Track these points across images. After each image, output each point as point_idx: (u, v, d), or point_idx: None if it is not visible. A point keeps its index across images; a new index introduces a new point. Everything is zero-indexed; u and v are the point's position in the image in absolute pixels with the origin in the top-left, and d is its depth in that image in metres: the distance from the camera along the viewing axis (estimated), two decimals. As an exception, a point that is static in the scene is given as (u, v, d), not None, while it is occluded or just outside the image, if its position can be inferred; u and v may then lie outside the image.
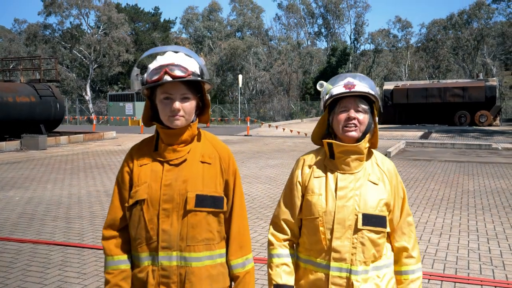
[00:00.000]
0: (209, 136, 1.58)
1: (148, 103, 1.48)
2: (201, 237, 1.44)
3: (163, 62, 1.41)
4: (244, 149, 13.22)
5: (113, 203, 1.51)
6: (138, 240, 1.44)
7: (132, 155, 1.52)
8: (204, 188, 1.45)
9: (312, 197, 1.52)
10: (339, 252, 1.47)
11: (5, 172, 8.88)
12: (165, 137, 1.46)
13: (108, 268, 1.47)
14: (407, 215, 1.59)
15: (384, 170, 1.56)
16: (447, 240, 4.57)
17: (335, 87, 1.51)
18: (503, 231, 4.90)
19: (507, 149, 13.38)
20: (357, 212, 1.48)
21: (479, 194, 6.91)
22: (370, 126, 1.53)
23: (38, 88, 13.94)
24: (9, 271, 3.65)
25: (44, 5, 33.78)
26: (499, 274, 3.67)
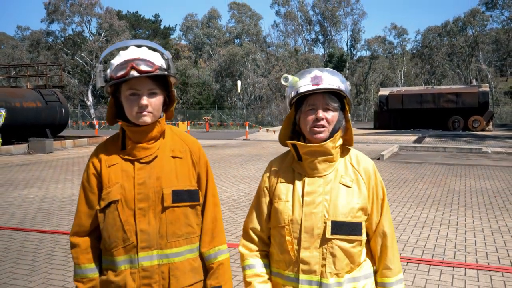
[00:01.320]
0: (177, 131, 1.54)
1: (112, 100, 1.43)
2: (181, 232, 1.42)
3: (128, 57, 1.35)
4: (243, 153, 13.68)
5: (78, 210, 1.45)
6: (114, 243, 1.39)
7: (98, 156, 1.45)
8: (179, 183, 1.43)
9: (279, 203, 1.41)
10: (308, 264, 1.35)
11: (16, 173, 9.33)
12: (133, 135, 1.41)
13: (76, 276, 1.45)
14: (387, 219, 1.44)
15: (359, 171, 1.42)
16: (428, 232, 5.03)
17: (302, 83, 1.38)
18: (480, 225, 5.36)
19: (497, 152, 13.84)
20: (326, 220, 1.35)
21: (463, 193, 7.37)
22: (340, 123, 1.42)
23: (44, 93, 14.41)
24: (36, 256, 4.10)
25: (47, 12, 34.45)
26: (471, 259, 4.13)
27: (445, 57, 42.68)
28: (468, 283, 3.51)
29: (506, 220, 5.55)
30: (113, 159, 1.43)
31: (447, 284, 3.49)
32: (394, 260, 1.42)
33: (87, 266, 1.43)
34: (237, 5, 46.30)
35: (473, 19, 39.66)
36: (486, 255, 4.23)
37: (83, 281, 1.43)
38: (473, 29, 41.02)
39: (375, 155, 12.59)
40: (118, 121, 1.44)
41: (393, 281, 1.41)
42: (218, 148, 15.16)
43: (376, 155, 12.43)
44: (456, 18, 41.15)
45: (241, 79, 35.71)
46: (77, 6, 34.65)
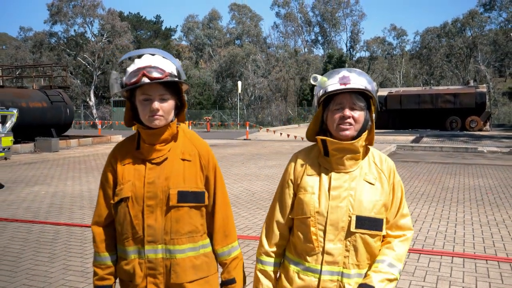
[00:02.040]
0: (189, 134, 1.62)
1: (128, 104, 1.54)
2: (184, 231, 1.51)
3: (141, 64, 1.45)
4: (244, 152, 13.98)
5: (98, 202, 1.59)
6: (125, 235, 1.51)
7: (115, 155, 1.57)
8: (185, 185, 1.51)
9: (304, 195, 1.46)
10: (332, 255, 1.41)
11: (25, 171, 9.63)
12: (146, 137, 1.51)
13: (96, 262, 1.58)
14: (402, 215, 1.50)
15: (382, 169, 1.49)
16: (420, 225, 5.33)
17: (330, 82, 1.44)
18: (470, 219, 5.66)
19: (492, 152, 14.09)
20: (350, 214, 1.41)
21: (457, 190, 7.65)
22: (367, 123, 1.46)
23: (49, 94, 14.70)
24: (54, 246, 4.41)
25: (50, 14, 34.77)
26: (458, 248, 4.43)
27: (444, 58, 42.92)
28: (454, 269, 3.82)
29: (495, 215, 5.84)
30: (127, 158, 1.54)
31: (434, 270, 3.79)
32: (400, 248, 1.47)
33: (106, 254, 1.55)
34: (238, 6, 46.61)
35: (471, 20, 39.91)
36: (473, 245, 4.53)
37: (101, 267, 1.56)
38: (472, 30, 41.27)
39: (373, 154, 12.86)
40: (134, 123, 1.54)
41: (390, 262, 1.44)
42: (220, 148, 15.46)
43: (374, 154, 12.72)
44: (454, 19, 41.42)
45: (242, 80, 35.96)
46: (80, 8, 35.02)
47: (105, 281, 1.55)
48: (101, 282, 1.56)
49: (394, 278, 1.43)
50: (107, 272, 1.55)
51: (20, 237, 4.68)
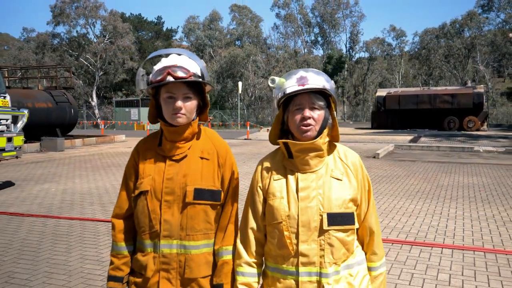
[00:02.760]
0: (209, 133, 1.65)
1: (153, 101, 1.57)
2: (199, 227, 1.53)
3: (167, 63, 1.49)
4: (245, 151, 14.27)
5: (120, 194, 1.64)
6: (142, 228, 1.55)
7: (138, 150, 1.63)
8: (202, 182, 1.53)
9: (273, 201, 1.45)
10: (307, 256, 1.41)
11: (33, 170, 9.93)
12: (168, 134, 1.55)
13: (113, 251, 1.62)
14: (373, 208, 1.54)
15: (348, 164, 1.49)
16: (414, 220, 5.61)
17: (288, 84, 1.44)
18: (462, 214, 5.93)
19: (488, 151, 14.27)
20: (321, 213, 1.41)
21: (451, 188, 7.92)
22: (326, 121, 1.47)
23: (54, 94, 14.99)
24: (69, 238, 4.70)
25: (53, 15, 35.11)
26: (448, 241, 4.72)
27: (442, 59, 43.18)
28: (443, 259, 4.11)
29: (486, 211, 6.11)
30: (149, 154, 1.58)
31: (424, 260, 4.08)
32: (379, 246, 1.53)
33: (123, 244, 1.60)
34: (238, 7, 46.93)
35: (469, 21, 40.21)
36: (462, 238, 4.82)
37: (118, 257, 1.60)
38: (470, 31, 41.55)
39: (371, 153, 13.11)
40: (158, 121, 1.59)
41: (378, 265, 1.52)
42: (221, 147, 15.74)
43: (372, 154, 12.96)
44: (453, 20, 41.77)
45: (242, 80, 36.26)
46: (82, 9, 35.41)
47: (119, 271, 1.59)
48: (115, 272, 1.59)
49: (384, 272, 1.55)
50: (122, 262, 1.59)
51: (37, 230, 4.98)
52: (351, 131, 23.59)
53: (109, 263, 1.62)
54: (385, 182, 8.37)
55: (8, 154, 7.24)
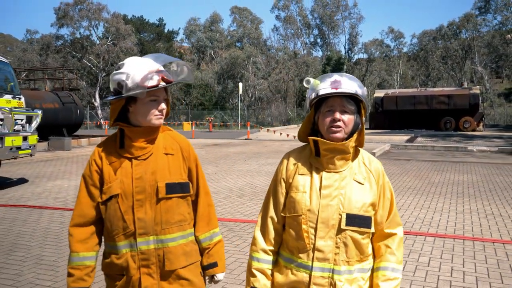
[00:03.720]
0: (167, 130, 1.71)
1: (122, 103, 1.55)
2: (174, 220, 1.59)
3: (153, 67, 1.52)
4: (245, 151, 14.70)
5: (79, 200, 1.61)
6: (115, 231, 1.56)
7: (99, 155, 1.61)
8: (171, 177, 1.59)
9: (296, 194, 1.50)
10: (323, 252, 1.45)
11: (44, 168, 10.38)
12: (134, 134, 1.56)
13: (72, 263, 1.58)
14: (395, 216, 1.54)
15: (371, 170, 1.54)
16: (403, 213, 6.05)
17: (322, 86, 1.48)
18: (448, 208, 6.37)
19: (481, 151, 14.64)
20: (341, 212, 1.45)
21: (441, 184, 8.33)
22: (357, 125, 1.51)
23: (61, 95, 15.43)
24: (86, 227, 5.16)
25: (57, 17, 35.64)
26: (432, 230, 5.17)
27: (440, 60, 43.58)
28: (425, 245, 4.56)
29: (471, 205, 6.54)
30: (112, 157, 1.59)
31: (408, 246, 4.53)
32: (400, 250, 1.52)
33: (86, 254, 1.59)
34: (239, 9, 47.42)
35: (466, 23, 40.64)
36: (445, 228, 5.26)
37: (79, 268, 1.58)
38: (467, 33, 41.93)
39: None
40: (118, 124, 1.59)
41: (395, 267, 1.50)
42: (223, 147, 16.18)
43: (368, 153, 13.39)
44: (450, 22, 42.25)
45: (242, 81, 36.68)
46: (86, 11, 35.91)
47: (83, 282, 1.58)
48: (78, 283, 1.57)
49: (399, 280, 1.50)
50: (85, 272, 1.58)
51: (57, 221, 5.44)
52: (350, 131, 23.93)
53: (68, 275, 1.58)
54: (379, 179, 8.81)
55: (24, 152, 7.69)
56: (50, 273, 3.70)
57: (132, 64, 1.52)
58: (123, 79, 1.49)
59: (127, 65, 1.53)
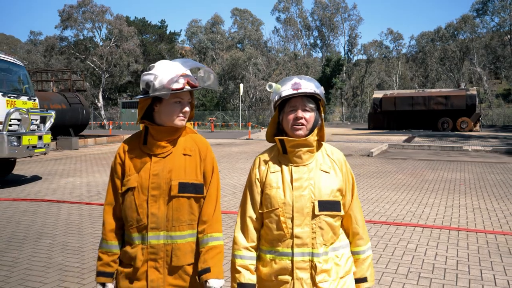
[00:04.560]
0: (190, 131, 1.77)
1: (149, 102, 1.64)
2: (184, 218, 1.65)
3: (180, 71, 1.61)
4: (247, 150, 15.14)
5: (108, 191, 1.72)
6: (130, 222, 1.64)
7: (124, 149, 1.71)
8: (186, 177, 1.65)
9: (270, 190, 1.62)
10: (301, 238, 1.58)
11: (55, 166, 10.83)
12: (157, 133, 1.65)
13: (102, 248, 1.70)
14: (357, 199, 1.71)
15: (334, 159, 1.68)
16: (396, 207, 6.48)
17: (284, 88, 1.61)
18: (439, 203, 6.78)
19: (476, 150, 14.97)
20: (313, 200, 1.58)
21: (434, 182, 8.72)
22: (317, 122, 1.65)
23: (68, 96, 15.88)
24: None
25: (61, 19, 36.13)
26: (421, 221, 5.61)
27: (438, 61, 43.95)
28: (414, 234, 4.99)
29: (461, 200, 6.95)
30: (135, 152, 1.68)
31: (398, 235, 4.97)
32: (365, 232, 1.72)
33: (113, 243, 1.69)
34: (239, 11, 47.87)
35: (464, 25, 41.05)
36: (434, 220, 5.69)
37: (108, 254, 1.69)
38: (464, 34, 42.30)
39: (366, 152, 13.89)
40: (144, 122, 1.68)
41: (365, 249, 1.71)
42: (225, 146, 16.62)
43: (366, 153, 13.74)
44: (448, 24, 42.66)
45: (243, 82, 37.10)
46: (89, 13, 36.42)
47: (109, 267, 1.68)
48: (105, 268, 1.68)
49: (371, 255, 1.73)
50: (112, 259, 1.68)
51: (76, 213, 5.89)
52: (349, 131, 24.39)
53: (97, 259, 1.70)
54: (375, 177, 9.20)
55: (39, 150, 8.14)
56: (76, 257, 4.14)
57: (161, 67, 1.62)
58: (151, 79, 1.59)
59: (157, 67, 1.62)
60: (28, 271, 3.79)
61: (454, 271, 3.85)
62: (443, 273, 3.79)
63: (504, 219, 5.73)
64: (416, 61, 45.33)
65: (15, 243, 4.62)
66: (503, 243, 4.65)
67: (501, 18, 38.48)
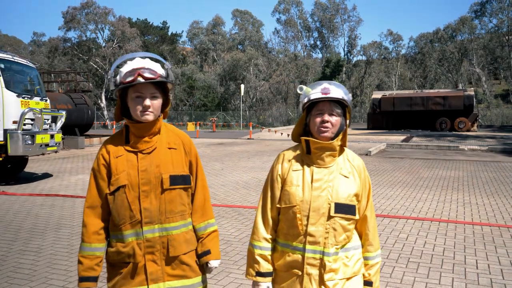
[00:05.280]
0: (170, 127, 1.82)
1: (119, 102, 1.68)
2: (177, 210, 1.70)
3: (136, 65, 1.61)
4: (249, 149, 15.47)
5: (90, 192, 1.71)
6: (122, 220, 1.65)
7: (106, 149, 1.71)
8: (174, 170, 1.70)
9: (290, 188, 1.69)
10: (314, 236, 1.64)
11: (63, 164, 11.21)
12: (136, 130, 1.67)
13: (83, 252, 1.67)
14: (371, 205, 1.78)
15: (354, 165, 1.74)
16: (390, 202, 6.85)
17: (313, 92, 1.68)
18: (432, 198, 7.12)
19: (472, 149, 15.23)
20: (330, 201, 1.64)
21: (429, 179, 9.03)
22: (342, 127, 1.71)
23: (73, 97, 16.26)
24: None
25: (64, 21, 36.58)
26: (414, 214, 5.99)
27: (437, 62, 44.27)
28: (406, 226, 5.37)
29: (453, 196, 7.30)
30: (119, 151, 1.69)
31: (392, 226, 5.34)
32: (376, 239, 1.77)
33: (97, 246, 1.69)
34: (240, 12, 48.25)
35: (462, 26, 41.40)
36: (425, 213, 6.05)
37: (90, 258, 1.68)
38: (463, 36, 42.62)
39: (364, 151, 14.16)
40: (123, 119, 1.71)
41: (375, 255, 1.76)
42: (227, 146, 16.97)
43: (365, 152, 14.01)
44: (446, 25, 43.11)
45: (244, 83, 37.40)
46: (92, 15, 36.86)
47: (93, 271, 1.68)
48: (89, 272, 1.68)
49: (379, 262, 1.79)
50: (95, 262, 1.68)
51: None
52: (348, 131, 24.68)
53: (78, 263, 1.68)
54: (373, 175, 9.54)
55: (51, 148, 8.52)
56: (95, 244, 4.52)
57: (128, 62, 1.67)
58: (112, 78, 1.68)
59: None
60: (54, 256, 4.17)
61: (440, 256, 4.23)
62: (430, 258, 4.17)
63: (492, 212, 6.10)
64: (415, 62, 45.67)
65: (37, 232, 5.00)
66: (488, 233, 5.03)
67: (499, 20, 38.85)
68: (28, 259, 4.09)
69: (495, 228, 5.25)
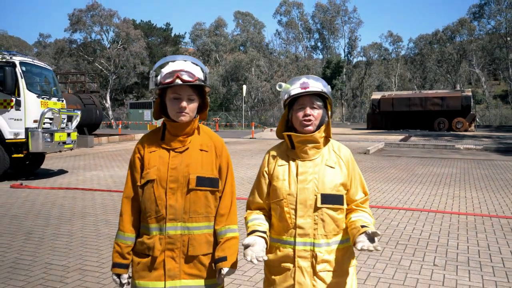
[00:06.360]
0: (206, 129, 1.85)
1: (158, 100, 1.76)
2: (201, 211, 1.73)
3: (175, 68, 1.69)
4: (251, 148, 16.03)
5: (127, 184, 1.80)
6: (149, 213, 1.72)
7: (143, 144, 1.79)
8: (203, 171, 1.74)
9: (277, 182, 1.73)
10: (303, 229, 1.67)
11: (76, 162, 11.77)
12: (172, 129, 1.74)
13: (118, 240, 1.77)
14: (363, 190, 1.79)
15: (340, 156, 1.76)
16: (385, 195, 7.37)
17: (293, 88, 1.70)
18: (424, 192, 7.62)
19: (467, 148, 15.71)
20: (316, 193, 1.67)
21: (423, 175, 9.51)
22: (324, 119, 1.74)
23: (82, 98, 16.83)
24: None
25: (70, 23, 37.26)
26: (405, 206, 6.52)
27: (436, 63, 44.70)
28: (397, 215, 5.90)
29: (444, 190, 7.79)
30: (153, 147, 1.75)
31: (384, 216, 5.88)
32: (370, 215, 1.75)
33: (129, 235, 1.76)
34: (242, 14, 48.79)
35: (461, 28, 41.84)
36: (416, 205, 6.57)
37: (122, 246, 1.76)
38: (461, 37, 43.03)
39: (363, 150, 14.66)
40: (162, 117, 1.77)
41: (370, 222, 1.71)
42: (230, 145, 17.52)
43: (364, 150, 14.50)
44: (445, 27, 43.52)
45: (246, 84, 37.83)
46: (98, 17, 37.48)
47: (124, 259, 1.76)
48: (121, 259, 1.76)
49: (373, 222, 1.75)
50: (127, 251, 1.76)
51: (109, 199, 6.82)
52: (348, 131, 25.21)
53: (114, 250, 1.77)
54: (370, 172, 10.06)
55: (68, 146, 9.09)
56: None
57: (169, 64, 1.74)
58: (154, 77, 1.75)
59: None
60: (84, 238, 4.73)
61: (426, 240, 4.76)
62: (416, 241, 4.71)
63: (478, 204, 6.63)
64: (415, 63, 46.10)
65: (65, 219, 5.56)
66: (472, 222, 5.56)
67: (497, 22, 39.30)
68: (62, 241, 4.64)
69: (478, 218, 5.77)
